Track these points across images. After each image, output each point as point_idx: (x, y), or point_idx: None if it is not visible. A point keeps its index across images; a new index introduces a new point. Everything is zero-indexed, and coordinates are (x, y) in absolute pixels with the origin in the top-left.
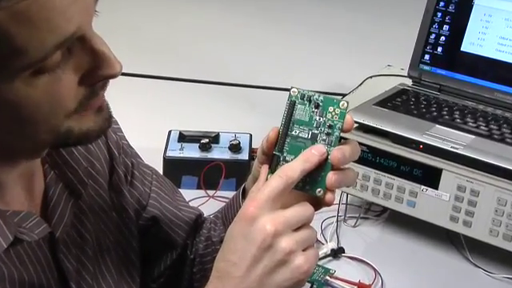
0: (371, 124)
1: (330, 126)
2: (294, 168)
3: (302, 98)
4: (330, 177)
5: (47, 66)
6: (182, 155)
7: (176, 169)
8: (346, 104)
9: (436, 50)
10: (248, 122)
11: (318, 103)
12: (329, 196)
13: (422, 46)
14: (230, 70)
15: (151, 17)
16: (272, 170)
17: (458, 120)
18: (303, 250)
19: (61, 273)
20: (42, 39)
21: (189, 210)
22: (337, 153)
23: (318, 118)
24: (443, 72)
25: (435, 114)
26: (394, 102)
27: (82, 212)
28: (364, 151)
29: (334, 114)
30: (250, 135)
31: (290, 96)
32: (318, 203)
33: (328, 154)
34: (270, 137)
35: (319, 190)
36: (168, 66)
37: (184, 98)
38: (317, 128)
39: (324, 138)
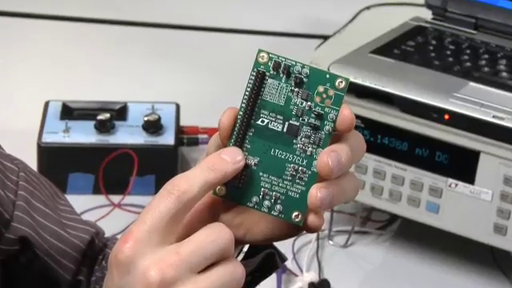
0: (368, 84)
1: (318, 116)
2: (191, 179)
3: (276, 69)
4: (314, 193)
5: None
6: (67, 140)
7: (59, 162)
8: (344, 82)
9: None
10: (173, 85)
11: (300, 78)
12: (312, 219)
13: None
14: (142, 1)
15: None
16: None
17: (505, 74)
18: None
19: None
20: None
21: (80, 226)
22: (326, 158)
23: (299, 101)
24: None
25: (468, 64)
26: (403, 47)
27: None
28: (357, 127)
29: (325, 96)
30: (177, 106)
31: (255, 64)
32: (296, 227)
33: (311, 159)
34: (222, 124)
35: (296, 213)
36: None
37: (69, 49)
38: (297, 117)
39: (308, 133)
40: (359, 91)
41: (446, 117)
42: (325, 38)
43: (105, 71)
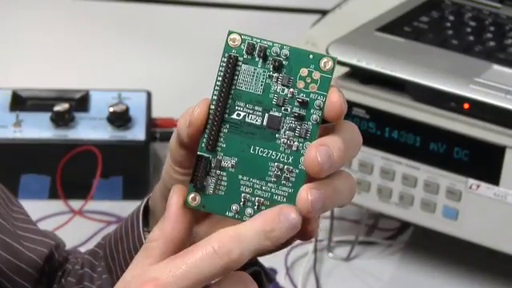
0: (374, 67)
1: (302, 104)
2: (244, 245)
3: (250, 52)
4: (304, 195)
5: None
6: (18, 136)
7: (8, 162)
8: (331, 62)
9: None
10: (143, 70)
11: (279, 61)
12: (306, 227)
13: None
14: None
15: None
16: (195, 185)
17: None
18: None
19: None
20: None
21: (37, 238)
22: (315, 152)
23: (280, 88)
24: None
25: (492, 44)
26: (415, 23)
27: None
28: (362, 119)
29: (309, 80)
30: (148, 94)
31: (226, 48)
32: None
33: (297, 155)
34: (195, 121)
35: None
36: None
37: (20, 27)
38: (279, 107)
39: (293, 124)
40: (363, 76)
41: (466, 106)
42: (323, 13)
43: (63, 53)
